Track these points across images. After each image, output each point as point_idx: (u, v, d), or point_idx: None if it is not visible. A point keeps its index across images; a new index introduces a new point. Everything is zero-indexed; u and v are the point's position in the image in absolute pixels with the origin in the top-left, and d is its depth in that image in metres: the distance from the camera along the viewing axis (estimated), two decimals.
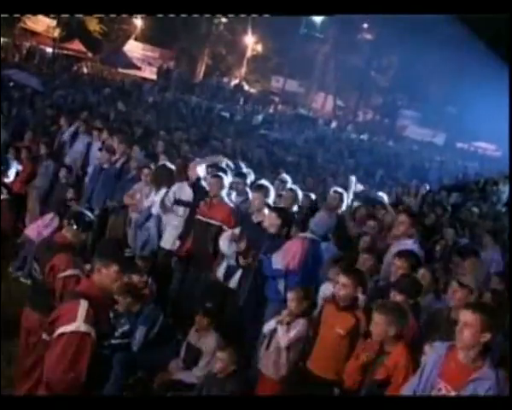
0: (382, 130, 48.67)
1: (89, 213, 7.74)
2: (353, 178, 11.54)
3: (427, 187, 18.31)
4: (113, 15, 41.85)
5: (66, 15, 40.97)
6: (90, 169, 13.18)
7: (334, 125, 45.05)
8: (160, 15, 34.35)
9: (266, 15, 38.51)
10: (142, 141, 14.67)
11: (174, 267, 10.12)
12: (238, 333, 8.53)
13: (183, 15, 34.28)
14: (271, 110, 45.68)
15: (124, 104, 20.44)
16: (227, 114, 31.74)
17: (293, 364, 7.65)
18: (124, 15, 42.77)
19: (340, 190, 11.14)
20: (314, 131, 35.70)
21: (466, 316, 5.32)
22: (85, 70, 42.47)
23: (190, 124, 22.65)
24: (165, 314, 8.65)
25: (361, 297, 7.37)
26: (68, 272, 6.85)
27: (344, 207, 10.81)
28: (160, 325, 8.33)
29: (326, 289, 7.92)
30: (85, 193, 12.41)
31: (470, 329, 5.27)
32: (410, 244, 8.70)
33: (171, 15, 31.99)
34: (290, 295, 7.75)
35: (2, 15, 25.78)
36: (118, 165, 12.28)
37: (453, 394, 5.32)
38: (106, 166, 12.36)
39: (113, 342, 7.62)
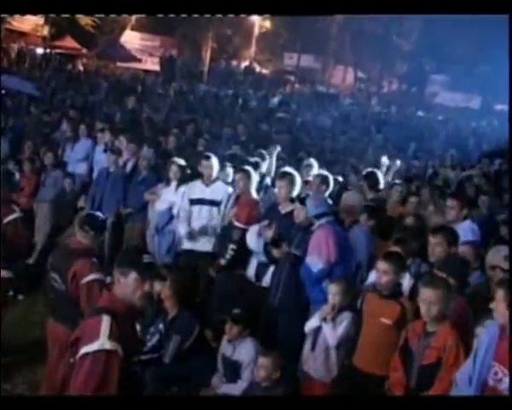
0: (411, 99, 48.55)
1: (100, 214, 7.89)
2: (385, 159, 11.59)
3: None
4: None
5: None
6: (95, 175, 13.26)
7: (357, 99, 44.94)
8: (160, 15, 34.68)
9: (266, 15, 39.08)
10: (151, 139, 14.74)
11: (206, 271, 10.18)
12: (278, 336, 8.53)
13: (184, 15, 34.55)
14: (288, 90, 45.66)
15: (129, 101, 20.50)
16: (240, 100, 31.73)
17: (340, 362, 7.67)
18: None
19: (375, 170, 11.21)
20: (336, 108, 35.64)
21: (496, 292, 5.43)
22: (81, 68, 42.61)
23: (201, 115, 22.69)
24: (200, 323, 8.63)
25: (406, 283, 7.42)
26: (91, 277, 7.03)
27: (382, 186, 10.87)
28: (196, 335, 8.31)
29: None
30: (94, 200, 12.46)
31: (500, 304, 5.36)
32: (466, 227, 8.78)
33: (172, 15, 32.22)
34: (333, 288, 7.69)
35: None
36: (128, 166, 12.36)
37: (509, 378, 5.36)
38: (112, 169, 12.44)
39: (142, 358, 7.69)
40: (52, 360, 7.23)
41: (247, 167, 10.14)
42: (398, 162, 13.90)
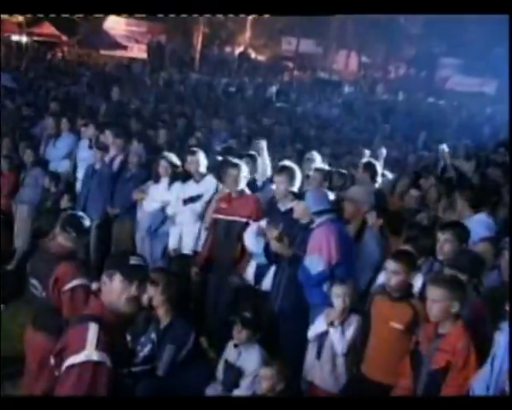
0: (420, 85, 48.38)
1: (83, 215, 7.90)
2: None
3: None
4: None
5: None
6: (80, 173, 13.25)
7: (361, 86, 44.95)
8: (161, 15, 35.31)
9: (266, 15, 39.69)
10: (140, 133, 14.72)
11: (193, 277, 10.26)
12: (280, 343, 8.53)
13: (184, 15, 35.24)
14: (286, 78, 45.66)
15: (114, 92, 20.52)
16: (234, 89, 31.77)
17: (348, 370, 7.70)
18: None
19: (372, 161, 11.28)
20: (339, 96, 35.68)
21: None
22: (61, 57, 42.51)
23: (193, 105, 22.73)
24: (195, 330, 8.62)
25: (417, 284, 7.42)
26: (75, 283, 7.03)
27: (379, 179, 10.92)
28: (191, 344, 8.24)
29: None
30: (79, 200, 12.46)
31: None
32: (481, 221, 8.78)
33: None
34: (339, 290, 7.68)
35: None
36: (115, 164, 12.36)
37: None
38: (98, 166, 12.44)
39: (133, 369, 7.66)
40: (31, 372, 7.20)
41: (238, 161, 10.17)
42: (384, 151, 13.98)
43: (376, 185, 11.03)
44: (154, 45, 47.81)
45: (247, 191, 10.02)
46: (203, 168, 10.79)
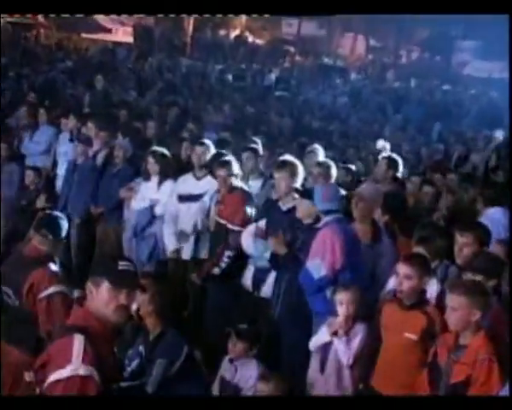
0: (434, 71, 48.33)
1: (60, 215, 7.92)
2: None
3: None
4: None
5: None
6: (60, 168, 13.24)
7: (369, 73, 44.94)
8: (161, 15, 35.87)
9: (266, 15, 40.20)
10: (127, 125, 14.71)
11: (194, 282, 10.28)
12: (280, 355, 8.55)
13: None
14: (287, 64, 45.66)
15: (97, 80, 20.52)
16: (230, 77, 31.79)
17: (355, 384, 7.69)
18: None
19: (394, 156, 11.30)
20: (345, 84, 35.67)
21: None
22: (38, 40, 42.41)
23: (185, 95, 22.76)
24: (188, 343, 8.60)
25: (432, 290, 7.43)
26: (51, 290, 7.01)
27: (400, 175, 10.94)
28: (184, 358, 8.08)
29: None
30: (59, 199, 12.47)
31: None
32: (496, 218, 8.82)
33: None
34: (344, 297, 7.63)
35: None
36: (99, 158, 12.34)
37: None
38: (80, 161, 12.43)
39: (122, 385, 7.65)
40: (5, 391, 7.19)
41: (228, 158, 10.22)
42: (388, 146, 14.11)
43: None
44: (140, 28, 47.67)
45: (239, 190, 10.05)
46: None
